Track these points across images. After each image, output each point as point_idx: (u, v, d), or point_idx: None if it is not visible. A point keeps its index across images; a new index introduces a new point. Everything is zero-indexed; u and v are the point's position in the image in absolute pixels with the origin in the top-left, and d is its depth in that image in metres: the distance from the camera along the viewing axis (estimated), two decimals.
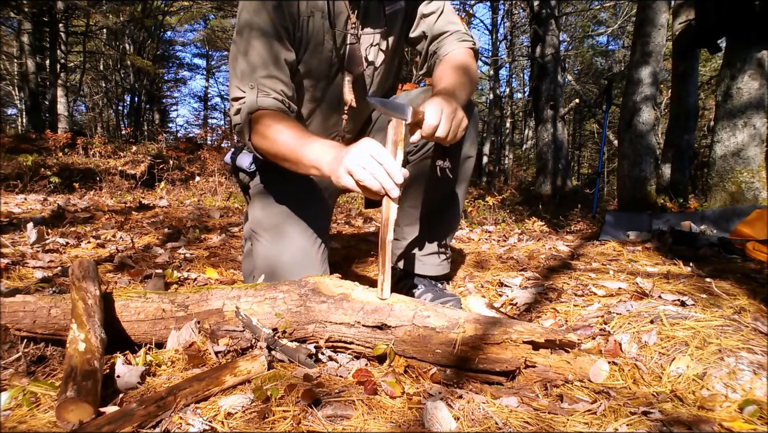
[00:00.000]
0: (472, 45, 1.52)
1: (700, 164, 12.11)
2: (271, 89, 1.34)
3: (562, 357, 1.06)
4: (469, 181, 1.67)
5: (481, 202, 5.81)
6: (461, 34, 1.52)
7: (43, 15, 12.05)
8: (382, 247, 1.13)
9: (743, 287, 1.60)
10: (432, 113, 1.16)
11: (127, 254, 2.16)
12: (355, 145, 1.07)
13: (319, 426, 0.84)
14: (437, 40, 1.54)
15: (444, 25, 1.53)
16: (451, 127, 1.18)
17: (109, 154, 9.33)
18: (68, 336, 0.97)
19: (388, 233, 1.13)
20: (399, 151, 1.12)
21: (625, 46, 15.77)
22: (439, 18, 1.54)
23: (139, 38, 18.73)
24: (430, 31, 1.54)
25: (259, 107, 1.31)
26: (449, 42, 1.51)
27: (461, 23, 1.56)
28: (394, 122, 1.12)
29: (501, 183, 13.94)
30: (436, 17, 1.54)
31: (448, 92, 1.26)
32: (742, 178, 3.40)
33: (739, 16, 3.35)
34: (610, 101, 6.19)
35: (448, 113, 1.17)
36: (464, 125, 1.23)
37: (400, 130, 1.12)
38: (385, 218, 1.13)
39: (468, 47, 1.51)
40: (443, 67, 1.45)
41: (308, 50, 1.44)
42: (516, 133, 22.05)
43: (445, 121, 1.17)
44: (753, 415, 0.90)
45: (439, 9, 1.53)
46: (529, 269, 2.09)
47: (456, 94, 1.28)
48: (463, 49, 1.50)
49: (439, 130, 1.17)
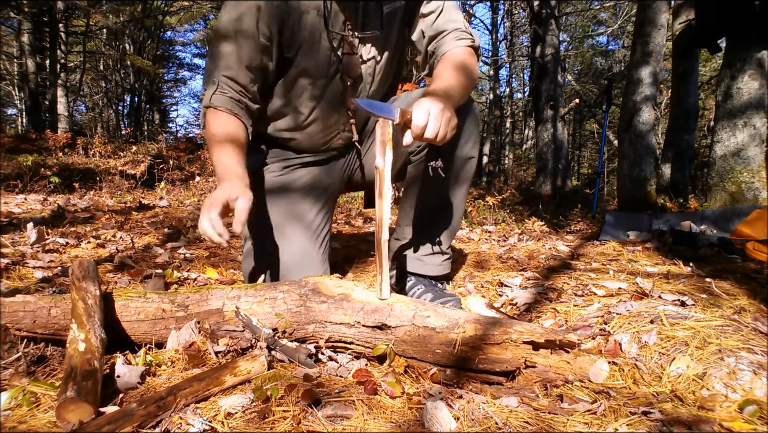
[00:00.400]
0: (471, 42, 1.51)
1: (700, 164, 12.11)
2: (230, 88, 1.40)
3: (562, 357, 1.06)
4: (471, 181, 1.67)
5: (481, 202, 5.81)
6: (460, 32, 1.51)
7: (43, 15, 12.05)
8: (378, 247, 1.14)
9: (743, 287, 1.60)
10: (419, 114, 1.16)
11: (127, 254, 2.16)
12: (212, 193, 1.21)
13: (319, 426, 0.84)
14: (436, 40, 1.53)
15: (443, 24, 1.52)
16: (440, 127, 1.18)
17: (109, 154, 9.33)
18: (68, 336, 0.97)
19: (383, 233, 1.14)
20: (387, 151, 1.13)
21: (625, 46, 15.78)
22: (439, 17, 1.53)
23: (139, 38, 18.73)
24: (429, 31, 1.53)
25: (211, 105, 1.39)
26: (448, 41, 1.50)
27: (462, 20, 1.54)
28: (381, 122, 1.13)
29: (501, 183, 13.94)
30: (435, 16, 1.53)
31: (438, 92, 1.26)
32: (742, 178, 3.40)
33: (739, 16, 3.34)
34: (610, 101, 6.19)
35: (436, 113, 1.17)
36: (453, 124, 1.22)
37: (387, 130, 1.13)
38: (378, 219, 1.14)
39: (466, 45, 1.50)
40: (439, 67, 1.45)
41: (303, 48, 1.44)
42: (516, 133, 22.05)
43: (433, 121, 1.16)
44: (753, 415, 0.90)
45: (438, 8, 1.52)
46: (529, 269, 2.09)
47: (449, 94, 1.28)
48: (461, 47, 1.49)
49: (428, 131, 1.17)
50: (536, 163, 10.20)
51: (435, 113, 1.17)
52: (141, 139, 13.02)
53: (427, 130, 1.16)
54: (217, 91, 1.39)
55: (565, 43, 16.53)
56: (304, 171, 1.67)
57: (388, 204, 1.15)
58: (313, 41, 1.44)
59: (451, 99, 1.27)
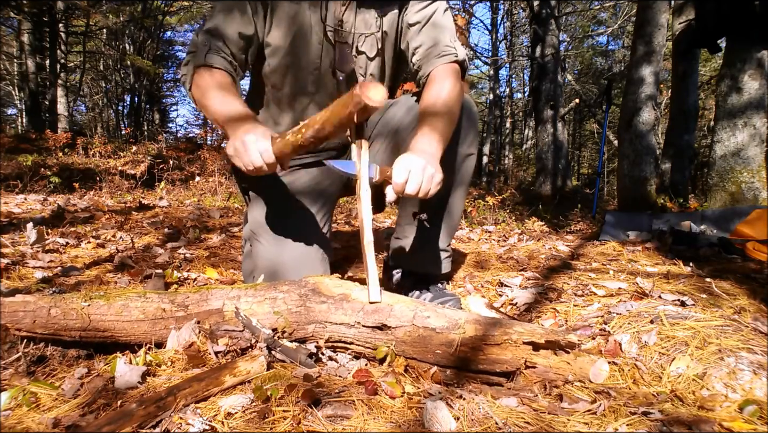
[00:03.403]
0: (454, 58, 1.46)
1: (700, 164, 12.10)
2: (221, 50, 1.41)
3: (562, 357, 1.06)
4: (470, 180, 1.66)
5: (481, 202, 5.80)
6: (441, 48, 1.46)
7: (43, 15, 12.04)
8: (363, 250, 1.15)
9: (743, 287, 1.60)
10: (399, 171, 1.16)
11: (127, 254, 2.16)
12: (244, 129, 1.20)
13: (319, 426, 0.84)
14: (418, 56, 1.48)
15: (425, 40, 1.47)
16: (422, 183, 1.17)
17: (109, 154, 9.32)
18: None
19: (366, 235, 1.14)
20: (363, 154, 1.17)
21: (625, 46, 15.77)
22: (422, 30, 1.48)
23: (139, 38, 18.72)
24: (413, 43, 1.49)
25: (206, 63, 1.38)
26: (430, 61, 1.46)
27: (448, 29, 1.49)
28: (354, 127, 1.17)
29: (501, 183, 13.93)
30: (419, 28, 1.48)
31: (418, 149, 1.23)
32: (742, 178, 3.40)
33: (739, 16, 3.35)
34: (610, 101, 6.19)
35: (417, 170, 1.16)
36: (438, 180, 1.21)
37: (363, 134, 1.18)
38: (360, 221, 1.14)
39: (449, 62, 1.45)
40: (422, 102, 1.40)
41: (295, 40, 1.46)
42: (516, 133, 22.04)
43: (414, 177, 1.16)
44: (753, 415, 0.90)
45: (424, 18, 1.48)
46: (529, 269, 2.09)
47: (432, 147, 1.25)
48: (444, 67, 1.44)
49: (408, 188, 1.17)
50: (536, 163, 10.20)
51: (416, 170, 1.16)
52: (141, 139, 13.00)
53: (407, 186, 1.17)
54: (211, 51, 1.39)
55: (565, 43, 16.50)
56: (303, 172, 1.67)
57: (367, 206, 1.16)
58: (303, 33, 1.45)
59: (434, 152, 1.25)
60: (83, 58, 17.13)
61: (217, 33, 1.42)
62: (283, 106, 1.59)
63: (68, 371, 1.04)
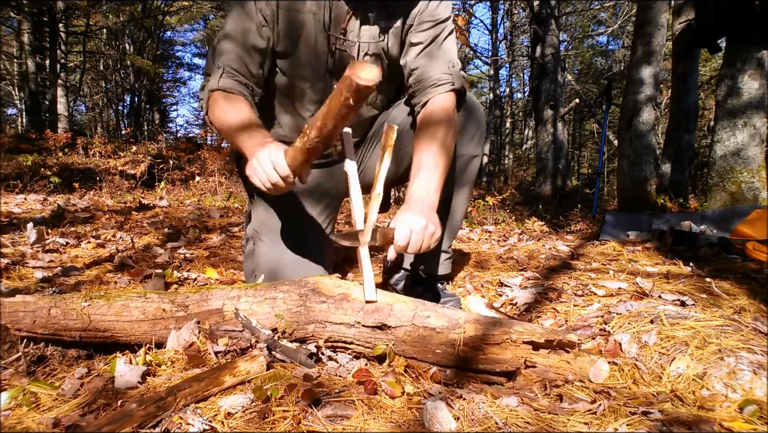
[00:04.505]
0: (450, 87, 1.44)
1: (700, 164, 12.10)
2: (237, 71, 1.41)
3: (562, 357, 1.06)
4: (474, 181, 1.65)
5: (481, 202, 5.80)
6: (438, 76, 1.44)
7: (43, 15, 12.04)
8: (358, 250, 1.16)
9: (743, 287, 1.60)
10: (401, 234, 1.17)
11: (127, 254, 2.16)
12: (258, 147, 1.21)
13: (319, 426, 0.84)
14: (414, 78, 1.47)
15: (424, 64, 1.45)
16: (422, 244, 1.19)
17: (109, 154, 9.31)
18: None
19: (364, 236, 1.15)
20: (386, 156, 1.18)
21: (625, 46, 15.77)
22: (422, 53, 1.46)
23: (139, 38, 18.72)
24: (410, 65, 1.48)
25: (219, 87, 1.39)
26: (426, 90, 1.45)
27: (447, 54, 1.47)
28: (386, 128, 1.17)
29: (501, 183, 13.93)
30: (419, 50, 1.46)
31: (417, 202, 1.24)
32: (742, 178, 3.40)
33: (739, 16, 3.35)
34: (610, 101, 6.19)
35: (418, 231, 1.18)
36: (437, 237, 1.23)
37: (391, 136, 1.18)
38: (354, 222, 1.15)
39: (446, 91, 1.44)
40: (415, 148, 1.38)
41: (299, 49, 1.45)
42: (516, 133, 22.04)
43: (415, 239, 1.18)
44: (753, 415, 0.90)
45: (426, 40, 1.45)
46: (529, 269, 2.09)
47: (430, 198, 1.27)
48: (441, 97, 1.43)
49: (410, 248, 1.19)
50: (536, 164, 10.20)
51: (417, 231, 1.18)
52: (141, 139, 13.00)
53: (409, 247, 1.19)
54: (224, 75, 1.40)
55: (565, 43, 16.50)
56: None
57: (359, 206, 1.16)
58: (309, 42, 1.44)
59: (433, 202, 1.26)
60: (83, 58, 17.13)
61: (231, 52, 1.41)
62: (294, 114, 1.58)
63: (68, 371, 1.04)
